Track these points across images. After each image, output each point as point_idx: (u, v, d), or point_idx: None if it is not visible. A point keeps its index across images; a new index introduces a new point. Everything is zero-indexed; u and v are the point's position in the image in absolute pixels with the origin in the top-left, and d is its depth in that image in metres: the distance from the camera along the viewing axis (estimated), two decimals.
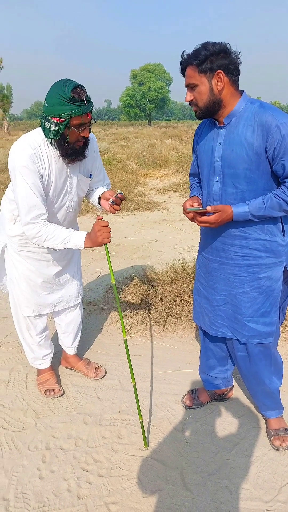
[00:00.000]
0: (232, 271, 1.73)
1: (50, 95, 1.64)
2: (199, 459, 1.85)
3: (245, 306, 1.73)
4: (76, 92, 1.61)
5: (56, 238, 1.78)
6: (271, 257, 1.66)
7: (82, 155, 1.83)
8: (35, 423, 2.10)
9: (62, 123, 1.65)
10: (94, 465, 1.84)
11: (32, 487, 1.74)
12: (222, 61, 1.47)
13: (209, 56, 1.46)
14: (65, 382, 2.42)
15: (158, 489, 1.71)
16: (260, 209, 1.54)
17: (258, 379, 1.87)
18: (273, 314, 1.74)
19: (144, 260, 4.32)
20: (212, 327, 1.87)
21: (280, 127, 1.44)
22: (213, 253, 1.78)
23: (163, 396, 2.26)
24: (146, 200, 7.15)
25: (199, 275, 1.93)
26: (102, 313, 3.23)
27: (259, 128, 1.48)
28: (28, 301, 2.13)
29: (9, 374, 2.49)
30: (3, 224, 2.06)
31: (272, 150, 1.47)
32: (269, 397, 1.91)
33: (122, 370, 2.50)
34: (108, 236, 1.76)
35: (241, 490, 1.70)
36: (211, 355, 2.05)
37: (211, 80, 1.50)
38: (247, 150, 1.51)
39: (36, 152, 1.72)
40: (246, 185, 1.57)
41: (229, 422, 2.07)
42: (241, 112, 1.54)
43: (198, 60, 1.47)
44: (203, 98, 1.53)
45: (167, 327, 2.95)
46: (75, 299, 2.32)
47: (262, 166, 1.53)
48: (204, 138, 1.71)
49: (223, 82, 1.50)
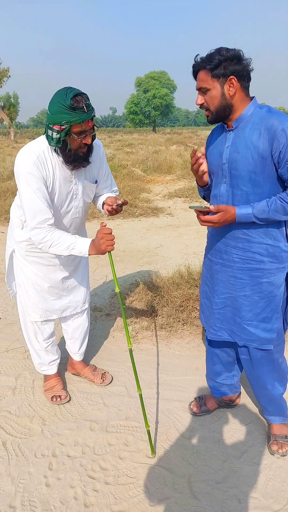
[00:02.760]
0: (233, 274, 1.73)
1: (51, 104, 1.67)
2: (206, 467, 1.83)
3: (245, 309, 1.73)
4: (76, 100, 1.63)
5: (61, 244, 1.79)
6: (274, 262, 1.65)
7: (86, 161, 1.84)
8: (42, 429, 2.09)
9: (63, 131, 1.66)
10: (101, 472, 1.83)
11: (38, 494, 1.73)
12: (235, 67, 1.49)
13: (223, 61, 1.48)
14: (71, 388, 2.41)
15: (165, 498, 1.69)
16: (263, 212, 1.54)
17: (260, 383, 1.86)
18: (274, 321, 1.73)
19: (150, 266, 4.32)
20: (210, 330, 1.88)
21: (286, 131, 1.45)
22: (216, 255, 1.79)
23: (170, 403, 2.25)
24: (151, 206, 7.17)
25: (205, 277, 1.93)
26: (108, 319, 3.23)
27: (265, 131, 1.49)
28: (35, 306, 2.13)
29: (15, 381, 2.49)
30: (12, 230, 2.08)
31: (278, 153, 1.48)
32: (271, 402, 1.89)
33: (129, 377, 2.49)
34: (111, 244, 1.76)
35: (250, 499, 1.67)
36: (217, 361, 2.04)
37: (224, 85, 1.52)
38: (253, 153, 1.53)
39: (40, 158, 1.74)
40: (251, 187, 1.58)
41: (237, 429, 2.04)
42: (249, 116, 1.56)
43: (212, 65, 1.49)
44: (214, 103, 1.55)
45: (173, 333, 2.93)
46: (82, 304, 2.32)
47: (267, 170, 1.54)
48: (215, 142, 1.73)
49: (235, 88, 1.52)
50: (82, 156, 1.80)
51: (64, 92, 1.64)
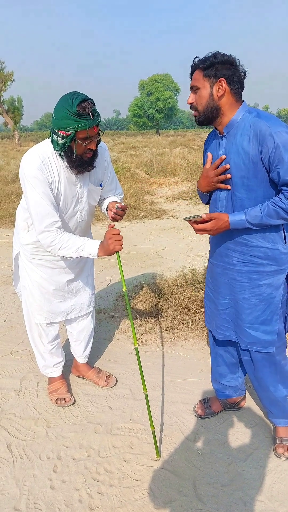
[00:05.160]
0: (233, 277, 1.74)
1: (57, 109, 1.67)
2: (212, 469, 1.82)
3: (246, 312, 1.74)
4: (82, 107, 1.63)
5: (70, 247, 1.80)
6: (273, 264, 1.66)
7: (91, 166, 1.85)
8: (46, 432, 2.09)
9: (68, 137, 1.67)
10: (106, 475, 1.82)
11: (43, 497, 1.73)
12: (227, 71, 1.53)
13: (216, 63, 1.53)
14: (76, 391, 2.42)
15: (170, 500, 1.69)
16: (256, 217, 1.55)
17: (262, 385, 1.86)
18: (274, 323, 1.73)
19: (154, 268, 4.31)
20: (218, 330, 1.90)
21: (274, 135, 1.45)
22: (217, 258, 1.81)
23: (175, 405, 2.24)
24: (155, 208, 7.18)
25: (207, 280, 1.95)
26: (112, 321, 3.23)
27: (254, 137, 1.51)
28: (40, 308, 2.14)
29: (20, 383, 2.49)
30: (18, 233, 2.09)
31: (267, 158, 1.49)
32: (275, 405, 1.88)
33: (133, 379, 2.49)
34: (119, 244, 1.77)
35: (256, 502, 1.66)
36: (221, 362, 2.04)
37: (213, 85, 1.55)
38: (244, 159, 1.54)
39: (45, 162, 1.75)
40: (245, 193, 1.59)
41: (242, 432, 2.03)
42: (239, 121, 1.57)
43: (205, 65, 1.54)
44: (202, 102, 1.59)
45: (178, 335, 2.93)
46: (87, 307, 2.32)
47: (259, 175, 1.55)
48: (210, 147, 1.76)
49: (224, 90, 1.55)
50: (87, 161, 1.80)
51: (70, 97, 1.64)
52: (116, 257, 1.86)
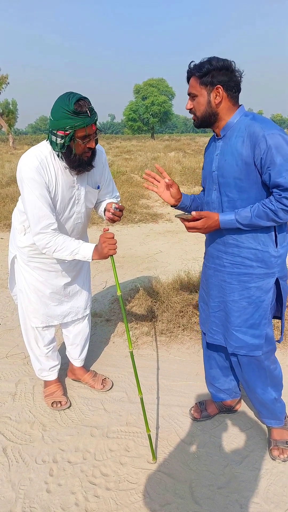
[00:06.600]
0: (224, 278, 1.76)
1: (54, 109, 1.68)
2: (208, 472, 1.83)
3: (234, 315, 1.75)
4: (79, 105, 1.65)
5: (65, 249, 1.81)
6: (262, 267, 1.67)
7: (90, 165, 1.86)
8: (42, 435, 2.08)
9: (67, 136, 1.68)
10: (102, 478, 1.82)
11: (39, 500, 1.72)
12: (223, 77, 1.55)
13: (212, 70, 1.54)
14: (71, 394, 2.41)
15: (167, 503, 1.69)
16: (246, 218, 1.57)
17: (250, 387, 1.87)
18: (263, 327, 1.74)
19: (150, 271, 4.33)
20: (208, 333, 1.91)
21: (267, 137, 1.48)
22: (209, 260, 1.84)
23: (170, 408, 2.25)
24: (151, 212, 7.20)
25: (202, 282, 1.97)
26: (108, 324, 3.23)
27: (248, 139, 1.53)
28: (36, 311, 2.14)
29: (15, 387, 2.48)
30: (14, 236, 2.09)
31: (260, 160, 1.51)
32: (263, 406, 1.90)
33: (129, 382, 2.49)
34: (113, 248, 1.78)
35: (251, 504, 1.67)
36: (214, 364, 2.05)
37: (210, 93, 1.58)
38: (237, 160, 1.57)
39: (43, 164, 1.76)
40: (237, 194, 1.62)
41: (238, 434, 2.04)
42: (236, 124, 1.60)
43: (201, 73, 1.55)
44: (201, 109, 1.62)
45: (173, 339, 2.94)
46: (84, 310, 2.33)
47: (252, 176, 1.57)
48: (208, 150, 1.80)
49: (221, 97, 1.57)
50: (86, 161, 1.81)
51: (67, 97, 1.66)
52: (111, 260, 1.87)
